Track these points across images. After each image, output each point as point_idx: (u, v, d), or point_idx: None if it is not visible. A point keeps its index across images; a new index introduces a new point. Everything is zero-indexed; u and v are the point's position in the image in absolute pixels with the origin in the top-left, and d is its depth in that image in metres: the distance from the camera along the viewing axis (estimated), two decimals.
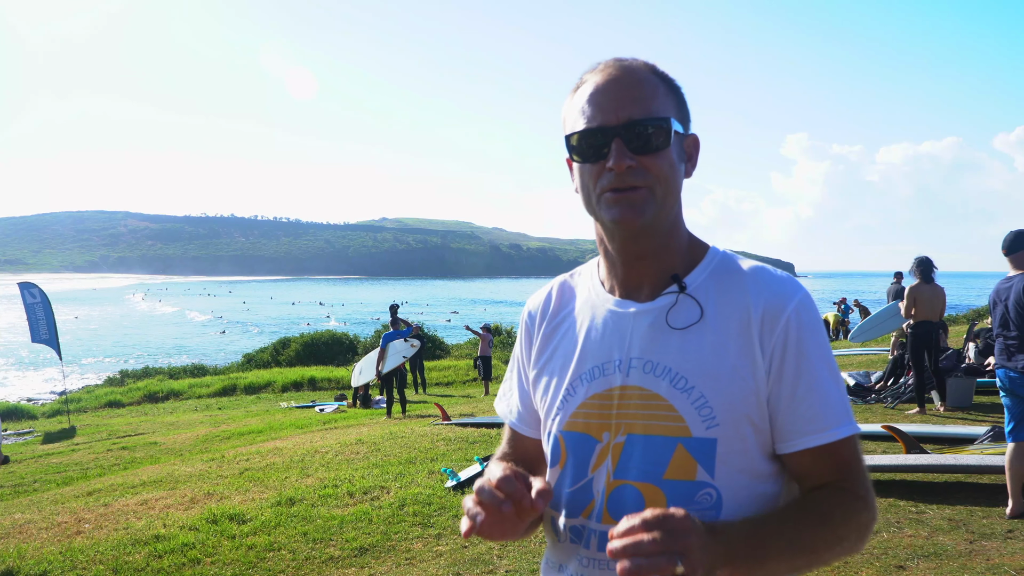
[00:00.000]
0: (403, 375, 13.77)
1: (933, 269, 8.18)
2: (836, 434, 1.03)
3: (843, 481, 1.04)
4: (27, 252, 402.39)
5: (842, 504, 1.02)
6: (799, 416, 1.03)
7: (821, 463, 1.04)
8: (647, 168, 1.04)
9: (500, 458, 1.30)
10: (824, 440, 1.03)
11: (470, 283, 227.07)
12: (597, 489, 1.08)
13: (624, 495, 1.05)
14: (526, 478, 1.02)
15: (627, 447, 1.07)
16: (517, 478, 1.00)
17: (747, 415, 1.03)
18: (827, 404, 1.03)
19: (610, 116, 1.05)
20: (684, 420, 1.04)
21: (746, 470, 1.04)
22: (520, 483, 1.00)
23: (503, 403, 1.32)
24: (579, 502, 1.11)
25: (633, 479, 1.05)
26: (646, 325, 1.09)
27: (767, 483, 1.07)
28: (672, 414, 1.04)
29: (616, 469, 1.07)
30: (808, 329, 1.04)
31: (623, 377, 1.09)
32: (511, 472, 1.01)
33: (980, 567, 3.88)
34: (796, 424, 1.03)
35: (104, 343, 46.08)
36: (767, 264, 1.12)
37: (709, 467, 1.03)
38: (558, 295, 1.24)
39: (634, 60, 1.11)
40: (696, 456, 1.03)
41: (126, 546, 5.30)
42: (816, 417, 1.03)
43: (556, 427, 1.15)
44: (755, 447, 1.05)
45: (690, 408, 1.04)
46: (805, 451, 1.04)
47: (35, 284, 16.53)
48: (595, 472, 1.09)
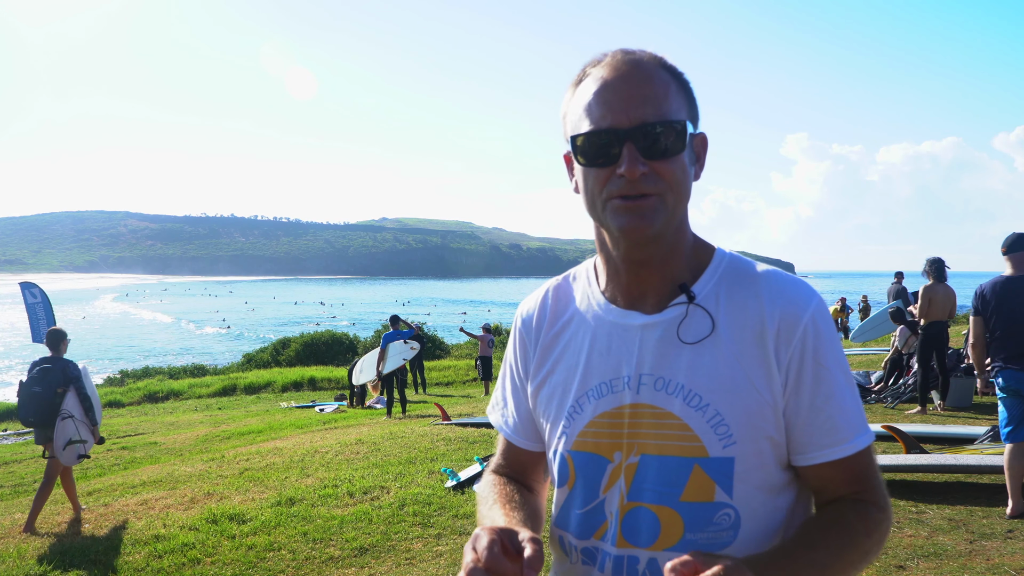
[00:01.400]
0: (403, 375, 13.79)
1: (946, 269, 8.21)
2: (856, 445, 1.00)
3: (863, 492, 1.02)
4: (27, 252, 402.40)
5: (865, 519, 1.00)
6: (818, 428, 1.00)
7: (840, 474, 1.02)
8: (660, 174, 0.97)
9: (494, 471, 1.26)
10: (844, 453, 1.00)
11: (470, 283, 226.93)
12: (610, 511, 1.04)
13: (639, 518, 1.01)
14: (512, 539, 0.92)
15: (640, 468, 1.02)
16: (506, 551, 0.90)
17: (764, 430, 1.00)
18: (845, 415, 1.00)
19: (621, 117, 0.97)
20: (700, 440, 0.99)
21: (763, 486, 1.01)
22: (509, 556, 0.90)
23: (496, 413, 1.26)
24: (591, 524, 1.07)
25: (648, 501, 1.01)
26: (655, 339, 1.04)
27: (783, 495, 1.04)
28: (687, 433, 1.00)
29: (630, 491, 1.03)
30: (825, 338, 1.01)
31: (633, 395, 1.04)
32: (498, 547, 0.90)
33: (980, 567, 3.88)
34: (815, 436, 1.00)
35: (106, 343, 46.08)
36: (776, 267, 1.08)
37: (727, 487, 0.99)
38: (555, 302, 1.18)
39: (642, 53, 1.03)
40: (714, 477, 0.99)
41: (126, 546, 5.30)
42: (835, 429, 1.00)
43: (563, 446, 1.10)
44: (772, 461, 1.02)
45: (705, 427, 0.99)
46: (824, 464, 1.01)
47: (36, 284, 16.54)
48: (607, 493, 1.05)
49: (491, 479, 1.23)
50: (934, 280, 8.20)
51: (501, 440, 1.26)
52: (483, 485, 1.23)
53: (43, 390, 6.26)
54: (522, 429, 1.21)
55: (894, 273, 13.76)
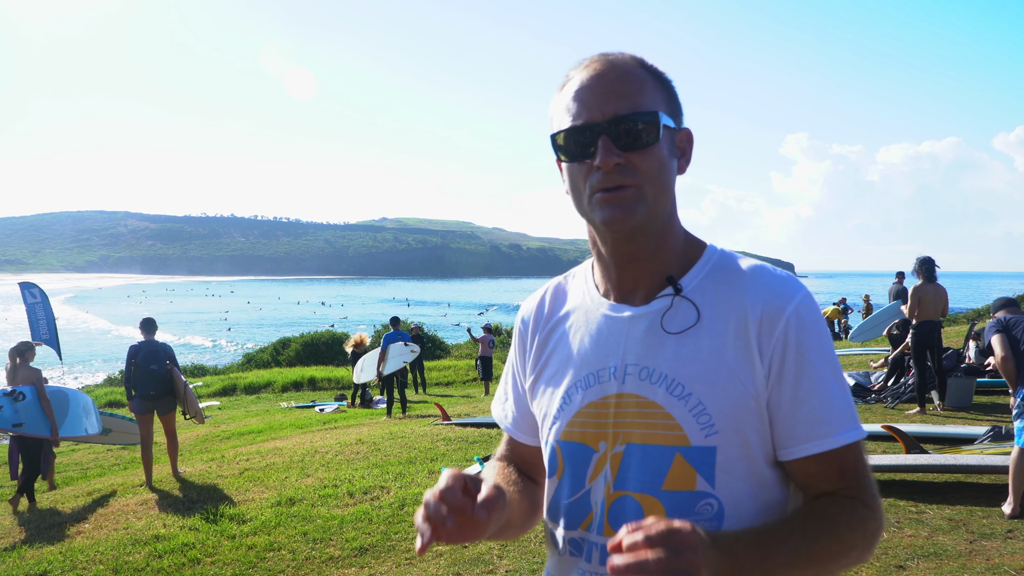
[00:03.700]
0: (403, 375, 13.79)
1: (935, 268, 8.22)
2: (841, 440, 0.99)
3: (849, 489, 1.01)
4: (27, 252, 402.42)
5: (849, 513, 0.98)
6: (801, 421, 0.99)
7: (826, 470, 1.01)
8: (635, 165, 1.00)
9: (499, 459, 1.29)
10: (828, 447, 0.99)
11: (471, 283, 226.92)
12: (596, 500, 1.06)
13: (624, 506, 1.02)
14: (476, 484, 0.97)
15: (625, 457, 1.03)
16: (463, 488, 0.95)
17: (747, 421, 1.00)
18: (830, 408, 0.99)
19: (595, 113, 1.01)
20: (682, 428, 1.00)
21: (748, 478, 1.01)
22: (465, 494, 0.95)
23: (499, 408, 1.29)
24: (578, 514, 1.08)
25: (632, 490, 1.02)
26: (641, 330, 1.06)
27: (771, 490, 1.03)
28: (669, 422, 1.01)
29: (615, 480, 1.04)
30: (809, 330, 1.00)
31: (619, 384, 1.05)
32: (457, 482, 0.95)
33: (980, 567, 3.88)
34: (798, 430, 0.99)
35: (107, 342, 46.10)
36: (767, 263, 1.07)
37: (709, 476, 0.99)
38: (551, 300, 1.21)
39: (620, 54, 1.06)
40: (695, 465, 0.99)
41: (126, 546, 5.30)
42: (819, 422, 0.99)
43: (553, 437, 1.12)
44: (757, 454, 1.01)
45: (687, 416, 1.00)
46: (809, 458, 1.00)
47: (35, 284, 16.53)
48: (593, 483, 1.06)
49: (494, 464, 1.26)
50: (924, 280, 8.22)
51: (505, 433, 1.30)
52: (486, 469, 1.26)
53: (158, 368, 7.70)
54: (522, 424, 1.24)
55: (895, 273, 13.75)
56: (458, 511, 0.93)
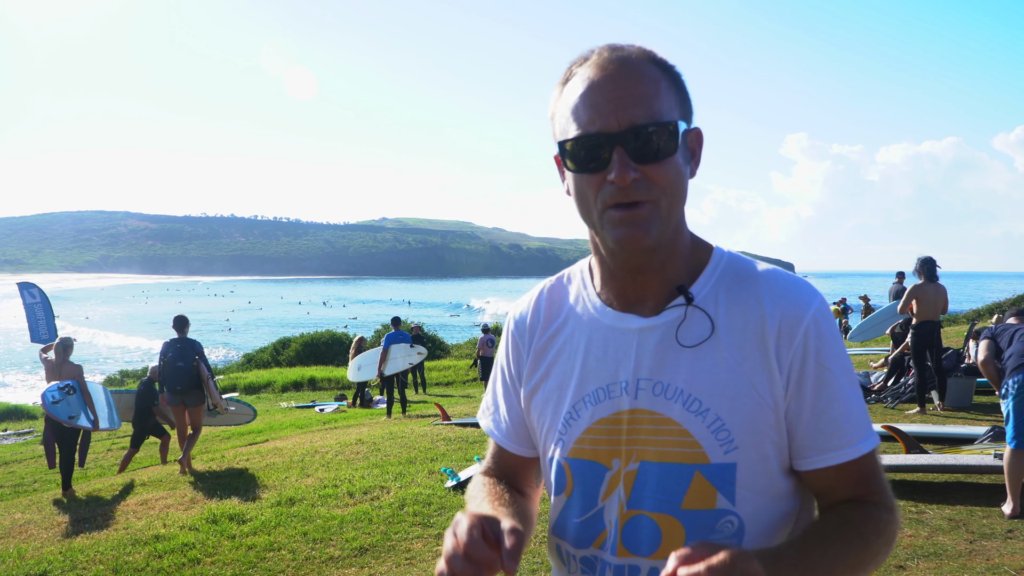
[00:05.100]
0: (403, 375, 13.79)
1: (936, 268, 8.23)
2: (860, 449, 0.98)
3: (869, 495, 1.00)
4: (27, 252, 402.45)
5: (875, 520, 0.97)
6: (820, 431, 0.97)
7: (845, 478, 0.99)
8: (652, 179, 0.93)
9: (485, 473, 1.24)
10: (849, 457, 0.97)
11: (471, 283, 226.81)
12: (609, 519, 1.02)
13: (639, 526, 0.99)
14: (495, 528, 0.90)
15: (640, 475, 1.00)
16: (486, 537, 0.88)
17: (765, 434, 0.97)
18: (849, 417, 0.98)
19: (610, 120, 0.93)
20: (700, 445, 0.97)
21: (767, 492, 0.98)
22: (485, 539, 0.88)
23: (487, 418, 1.23)
24: (590, 532, 1.04)
25: (648, 509, 0.99)
26: (654, 343, 1.01)
27: (787, 501, 1.01)
28: (687, 439, 0.97)
29: (629, 499, 1.00)
30: (827, 339, 0.98)
31: (631, 400, 1.01)
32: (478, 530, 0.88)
33: (980, 567, 3.88)
34: (818, 440, 0.97)
35: (107, 342, 46.10)
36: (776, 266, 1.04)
37: (729, 494, 0.96)
38: (548, 304, 1.14)
39: (630, 48, 0.98)
40: (715, 483, 0.96)
41: (126, 546, 5.30)
42: (839, 432, 0.97)
43: (560, 454, 1.07)
44: (774, 466, 0.99)
45: (706, 432, 0.97)
46: (828, 467, 0.98)
47: (35, 284, 16.52)
48: (606, 501, 1.02)
49: (481, 480, 1.21)
50: (924, 279, 8.23)
51: (491, 444, 1.24)
52: (473, 486, 1.21)
53: (185, 364, 8.11)
54: (514, 434, 1.18)
55: (895, 273, 13.74)
56: (487, 567, 0.87)
